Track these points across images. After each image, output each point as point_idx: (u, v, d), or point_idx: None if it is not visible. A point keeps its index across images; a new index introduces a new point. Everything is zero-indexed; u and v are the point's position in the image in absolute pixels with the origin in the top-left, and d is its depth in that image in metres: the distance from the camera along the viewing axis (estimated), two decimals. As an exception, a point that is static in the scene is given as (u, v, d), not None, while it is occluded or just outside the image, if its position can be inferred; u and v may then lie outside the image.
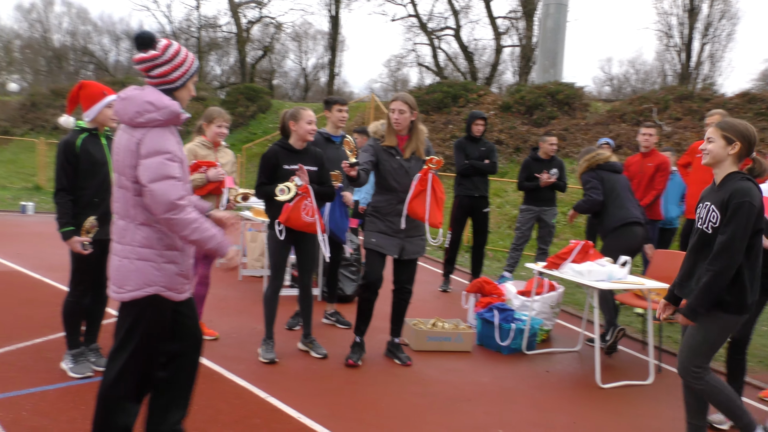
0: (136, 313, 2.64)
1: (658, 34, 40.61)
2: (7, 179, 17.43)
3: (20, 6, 48.22)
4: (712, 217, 3.05)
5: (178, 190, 2.51)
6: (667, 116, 14.45)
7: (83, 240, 3.76)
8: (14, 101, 24.69)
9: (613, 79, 44.88)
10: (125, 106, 2.57)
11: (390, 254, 4.48)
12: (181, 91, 2.69)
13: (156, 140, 2.52)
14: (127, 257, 2.61)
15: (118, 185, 2.63)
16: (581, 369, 4.87)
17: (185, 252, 2.74)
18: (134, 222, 2.60)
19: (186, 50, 2.70)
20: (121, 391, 2.68)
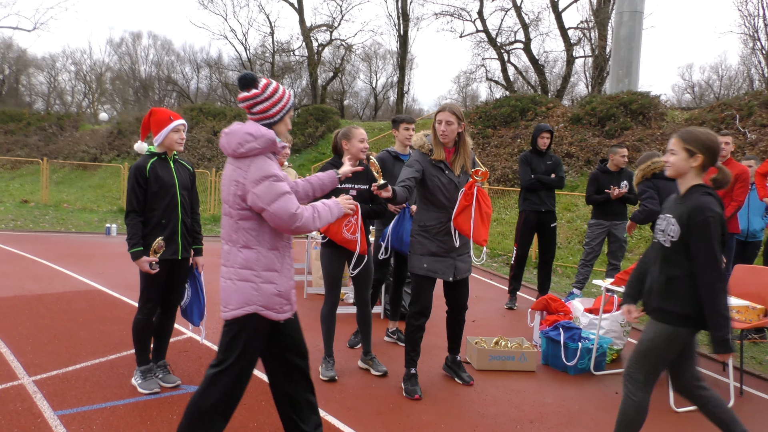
0: (236, 331, 2.83)
1: (742, 38, 38.57)
2: (95, 203, 18.55)
3: (111, 40, 51.49)
4: (671, 231, 2.98)
5: (293, 202, 2.76)
6: (751, 123, 13.65)
7: (151, 260, 3.93)
8: (103, 129, 26.32)
9: (695, 86, 43.02)
10: (229, 139, 2.82)
11: (444, 278, 4.24)
12: (279, 124, 2.95)
13: (260, 167, 2.76)
14: (230, 278, 2.84)
15: (224, 213, 2.88)
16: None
17: (283, 273, 2.91)
18: (236, 246, 2.83)
19: (283, 88, 2.96)
20: (209, 405, 2.82)
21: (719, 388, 4.71)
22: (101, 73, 46.74)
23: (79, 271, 8.23)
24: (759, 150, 12.48)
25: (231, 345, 2.83)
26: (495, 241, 12.37)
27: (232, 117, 24.07)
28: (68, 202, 18.30)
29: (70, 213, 16.32)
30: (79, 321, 5.74)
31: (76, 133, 26.96)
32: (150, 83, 45.40)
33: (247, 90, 2.87)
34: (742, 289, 4.97)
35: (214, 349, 5.08)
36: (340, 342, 5.44)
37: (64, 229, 13.24)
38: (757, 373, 5.09)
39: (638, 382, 3.14)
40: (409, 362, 4.33)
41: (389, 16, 48.24)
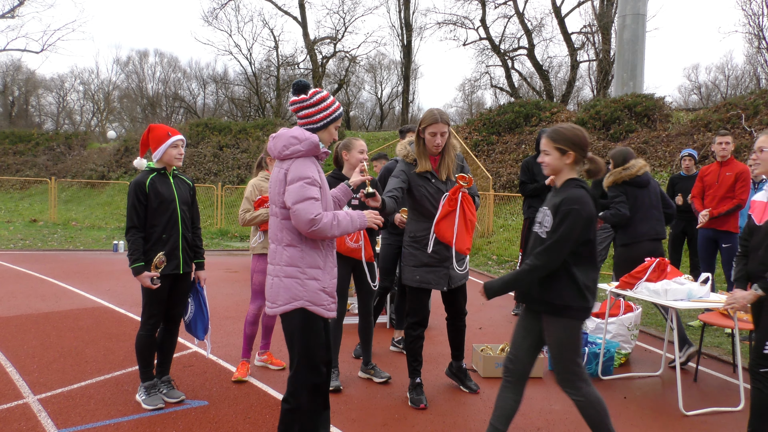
0: (289, 327, 3.00)
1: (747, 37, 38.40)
2: (103, 220, 18.66)
3: (118, 59, 51.99)
4: (547, 222, 3.06)
5: (316, 208, 2.87)
6: (757, 122, 13.55)
7: (152, 275, 3.94)
8: (111, 147, 26.51)
9: (701, 87, 42.82)
10: (275, 143, 3.01)
11: (438, 288, 4.17)
12: (323, 132, 3.08)
13: (299, 168, 2.92)
14: (277, 275, 2.98)
15: (271, 213, 3.05)
16: (663, 395, 4.56)
17: (327, 271, 3.04)
18: (281, 244, 2.98)
19: (332, 98, 3.13)
20: (293, 402, 2.98)
21: (729, 390, 4.64)
22: (109, 92, 47.24)
23: (87, 289, 8.26)
24: (766, 149, 12.37)
25: (291, 341, 3.00)
26: (502, 247, 12.32)
27: (237, 131, 24.17)
28: (76, 220, 18.42)
29: (79, 231, 16.43)
30: (85, 338, 5.75)
31: (84, 151, 27.17)
32: (157, 100, 45.78)
33: (297, 95, 3.06)
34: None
35: (219, 364, 5.07)
36: (345, 353, 5.41)
37: (72, 247, 13.33)
38: (768, 374, 5.01)
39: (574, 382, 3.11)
40: (412, 372, 4.29)
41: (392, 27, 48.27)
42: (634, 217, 5.30)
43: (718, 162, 6.22)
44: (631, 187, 5.35)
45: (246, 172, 21.47)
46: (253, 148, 22.62)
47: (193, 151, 22.78)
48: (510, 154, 16.80)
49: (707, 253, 6.32)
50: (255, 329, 4.79)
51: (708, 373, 5.08)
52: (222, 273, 10.11)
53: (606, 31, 27.89)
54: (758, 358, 3.25)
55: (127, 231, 4.00)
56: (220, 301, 7.72)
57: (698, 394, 4.59)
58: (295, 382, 2.99)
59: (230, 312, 7.09)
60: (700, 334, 5.26)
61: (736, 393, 4.50)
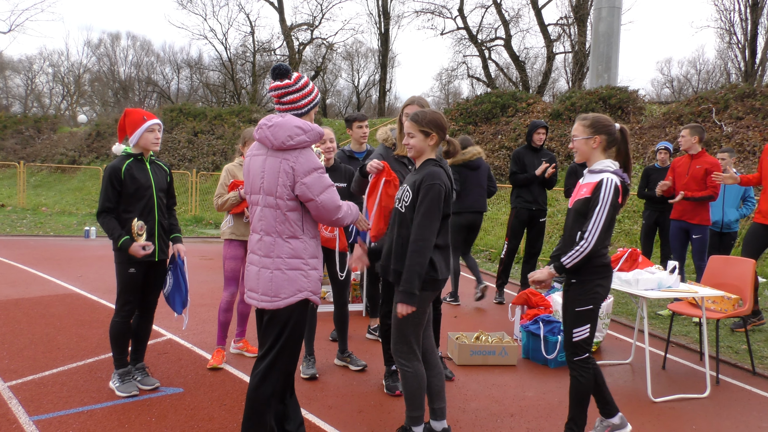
0: (286, 319, 2.94)
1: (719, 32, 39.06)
2: (74, 206, 18.33)
3: (89, 41, 50.87)
4: (406, 197, 3.25)
5: (336, 195, 2.94)
6: (727, 116, 13.83)
7: (142, 244, 3.89)
8: (82, 132, 26.00)
9: (673, 80, 43.50)
10: (274, 131, 2.88)
11: None
12: (306, 117, 3.04)
13: (309, 159, 2.89)
14: (278, 268, 2.92)
15: (264, 205, 2.94)
16: (632, 382, 4.67)
17: (320, 259, 3.06)
18: (282, 236, 2.93)
19: (312, 84, 3.06)
20: (269, 391, 2.96)
21: (696, 378, 4.77)
22: (79, 75, 46.19)
23: (58, 275, 8.13)
24: (735, 142, 12.65)
25: (281, 332, 2.93)
26: (477, 237, 12.41)
27: (213, 117, 23.89)
28: (46, 206, 18.06)
29: (49, 216, 16.11)
30: (57, 325, 5.66)
31: (54, 135, 26.61)
32: (129, 84, 44.94)
33: (279, 80, 2.96)
34: (718, 279, 5.04)
35: (195, 351, 5.04)
36: (321, 339, 5.42)
37: (42, 233, 13.07)
38: (733, 362, 5.16)
39: (407, 354, 3.30)
40: (388, 360, 4.31)
41: (370, 14, 48.12)
42: (461, 193, 6.62)
43: (689, 155, 6.35)
44: (465, 168, 6.64)
45: (221, 159, 21.25)
46: (229, 134, 22.39)
47: (167, 137, 22.45)
48: (487, 144, 16.88)
49: (679, 244, 6.46)
50: (229, 316, 4.77)
51: (676, 361, 5.21)
52: (197, 260, 10.03)
53: (582, 23, 28.13)
54: (570, 347, 3.38)
55: (99, 215, 3.93)
56: (194, 288, 7.66)
57: (666, 381, 4.70)
58: (275, 370, 2.95)
59: (205, 299, 7.04)
60: (669, 323, 5.38)
61: (702, 380, 4.63)
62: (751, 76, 27.04)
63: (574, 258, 3.25)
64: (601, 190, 3.24)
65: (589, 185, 3.33)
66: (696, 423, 3.91)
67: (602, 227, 3.22)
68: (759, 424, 3.92)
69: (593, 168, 3.40)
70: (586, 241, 3.22)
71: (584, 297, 3.32)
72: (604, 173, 3.32)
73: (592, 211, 3.24)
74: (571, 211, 3.41)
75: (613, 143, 3.40)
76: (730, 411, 4.13)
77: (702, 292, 4.42)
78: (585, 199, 3.31)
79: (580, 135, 3.42)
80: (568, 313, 3.39)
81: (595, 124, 3.38)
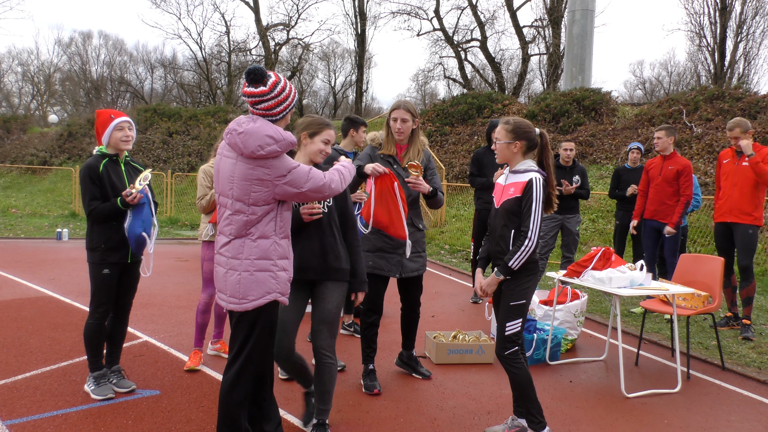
0: (254, 320, 2.90)
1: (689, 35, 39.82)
2: (46, 207, 18.01)
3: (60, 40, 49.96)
4: None
5: (318, 174, 2.90)
6: (697, 117, 14.12)
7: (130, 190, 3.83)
8: (53, 132, 25.55)
9: (645, 82, 44.25)
10: (244, 139, 2.77)
11: (390, 275, 4.23)
12: (280, 121, 2.94)
13: (282, 164, 2.81)
14: (246, 270, 2.86)
15: (234, 210, 2.86)
16: (606, 378, 4.75)
17: (290, 260, 3.02)
18: (250, 237, 2.86)
19: (290, 86, 2.95)
20: (241, 396, 2.94)
21: (667, 373, 4.87)
22: (50, 74, 45.34)
23: (29, 278, 7.99)
24: (704, 143, 12.93)
25: (249, 334, 2.90)
26: (454, 237, 12.50)
27: (188, 118, 23.66)
28: (17, 207, 17.72)
29: (19, 218, 15.81)
30: (29, 329, 5.57)
31: (24, 136, 26.12)
32: (102, 84, 44.25)
33: (254, 86, 2.83)
34: (689, 277, 5.16)
35: (171, 353, 5.00)
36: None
37: (12, 235, 12.83)
38: (703, 357, 5.28)
39: (332, 348, 3.45)
40: (366, 359, 4.35)
41: (346, 15, 48.16)
42: None
43: (662, 156, 6.48)
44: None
45: (197, 160, 21.05)
46: (204, 135, 22.19)
47: (141, 138, 22.18)
48: (463, 145, 17.01)
49: (651, 243, 6.58)
50: (207, 318, 4.75)
51: (648, 358, 5.31)
52: (172, 262, 9.93)
53: (556, 25, 28.47)
54: (502, 341, 3.47)
55: (90, 212, 3.86)
56: (171, 290, 7.60)
57: (639, 377, 4.80)
58: (246, 373, 2.92)
59: (181, 301, 6.98)
60: (641, 321, 5.49)
61: (674, 376, 4.73)
62: (720, 78, 27.63)
63: (521, 258, 3.37)
64: (533, 189, 3.36)
65: (517, 185, 3.43)
66: (667, 417, 4.00)
67: (539, 224, 3.36)
68: (728, 418, 4.03)
69: (517, 168, 3.51)
70: (529, 240, 3.34)
71: (517, 292, 3.44)
72: (529, 173, 3.43)
73: (529, 209, 3.35)
74: (501, 211, 3.50)
75: (533, 147, 3.52)
76: (701, 405, 4.23)
77: (673, 290, 4.52)
78: (515, 198, 3.42)
79: (502, 139, 3.52)
80: (502, 308, 3.49)
81: (516, 130, 3.48)
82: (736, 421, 3.97)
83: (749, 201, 5.86)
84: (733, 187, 5.93)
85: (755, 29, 29.39)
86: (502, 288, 3.50)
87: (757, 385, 4.71)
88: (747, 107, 13.71)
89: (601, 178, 13.33)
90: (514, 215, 3.42)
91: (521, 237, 3.37)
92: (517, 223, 3.42)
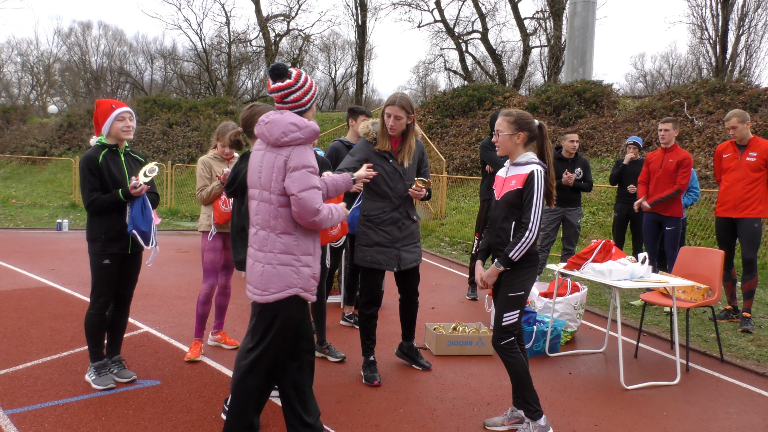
0: (276, 313, 2.97)
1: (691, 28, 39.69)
2: (46, 198, 18.00)
3: (59, 30, 49.77)
4: None
5: (318, 198, 2.90)
6: (698, 110, 14.09)
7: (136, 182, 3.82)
8: (53, 123, 25.50)
9: (647, 75, 44.13)
10: (270, 128, 2.92)
11: (388, 269, 4.24)
12: (308, 112, 3.07)
13: (301, 156, 2.88)
14: (270, 263, 2.94)
15: (260, 200, 2.98)
16: (605, 370, 4.77)
17: (316, 257, 3.07)
18: (275, 231, 2.94)
19: (311, 78, 3.07)
20: (252, 384, 3.00)
21: (666, 365, 4.89)
22: (50, 65, 45.18)
23: (30, 268, 8.00)
24: (706, 136, 12.91)
25: (270, 327, 2.97)
26: (454, 229, 12.50)
27: (188, 109, 23.60)
28: (17, 198, 17.72)
29: (19, 209, 15.81)
30: (30, 319, 5.58)
31: (24, 126, 26.07)
32: (102, 75, 44.11)
33: (280, 80, 2.96)
34: (688, 270, 5.16)
35: (172, 344, 5.02)
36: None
37: (12, 226, 12.84)
38: (702, 350, 5.29)
39: None
40: (366, 351, 4.36)
41: (347, 6, 48.00)
42: None
43: (663, 148, 6.47)
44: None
45: (197, 151, 21.03)
46: (204, 126, 22.15)
47: (141, 129, 22.15)
48: (463, 137, 16.98)
49: (651, 236, 6.59)
50: (207, 309, 4.75)
51: (647, 350, 5.33)
52: (172, 253, 9.94)
53: (557, 17, 28.36)
54: (498, 332, 3.49)
55: (90, 204, 3.85)
56: (171, 281, 7.61)
57: (638, 369, 4.81)
58: (260, 364, 2.99)
59: (182, 292, 6.99)
60: (641, 313, 5.50)
61: (673, 368, 4.74)
62: (721, 71, 27.55)
63: (521, 250, 3.38)
64: (534, 181, 3.38)
65: (519, 177, 3.45)
66: (666, 409, 4.01)
67: (540, 216, 3.37)
68: (726, 410, 4.04)
69: (518, 161, 3.52)
70: (529, 231, 3.36)
71: (516, 283, 3.45)
72: (531, 165, 3.45)
73: (530, 201, 3.37)
74: (501, 203, 3.51)
75: (533, 139, 3.54)
76: (699, 397, 4.24)
77: (673, 282, 4.53)
78: (517, 190, 3.43)
79: (504, 131, 3.52)
80: (500, 299, 3.50)
81: (518, 121, 3.49)
82: (734, 413, 3.99)
83: (754, 195, 5.85)
84: (737, 182, 5.91)
85: (757, 22, 29.35)
86: (501, 279, 3.52)
87: (755, 377, 4.73)
88: (748, 100, 13.68)
89: (601, 171, 13.32)
90: (515, 207, 3.44)
91: (522, 229, 3.38)
92: (517, 215, 3.43)
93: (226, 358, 4.69)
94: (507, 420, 3.64)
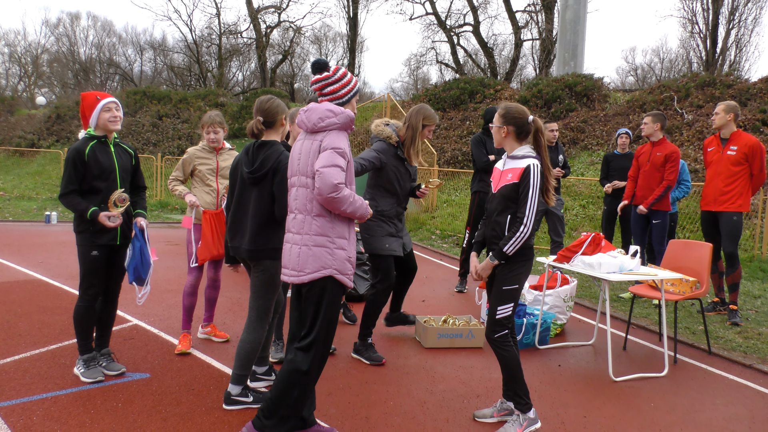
0: (318, 294, 3.03)
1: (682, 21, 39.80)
2: (34, 190, 17.85)
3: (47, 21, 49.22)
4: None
5: (340, 175, 2.93)
6: (688, 104, 14.16)
7: (110, 214, 3.83)
8: (41, 114, 25.26)
9: (637, 69, 44.24)
10: (308, 115, 3.08)
11: (399, 254, 4.67)
12: (347, 106, 3.19)
13: (333, 139, 3.01)
14: (305, 245, 3.02)
15: (299, 185, 3.09)
16: (594, 363, 4.80)
17: (351, 242, 3.12)
18: (311, 214, 3.03)
19: (351, 74, 3.22)
20: (306, 366, 3.03)
21: (655, 358, 4.93)
22: (38, 56, 44.67)
23: (18, 261, 7.94)
24: (695, 130, 12.97)
25: (318, 309, 3.03)
26: (445, 222, 12.52)
27: (178, 101, 23.45)
28: (4, 190, 17.56)
29: (7, 201, 15.68)
30: (18, 312, 5.54)
31: (12, 118, 25.78)
32: (90, 66, 43.68)
33: (319, 73, 3.13)
34: (677, 262, 5.19)
35: (161, 337, 5.00)
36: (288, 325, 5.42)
37: (0, 218, 12.72)
38: (690, 342, 5.34)
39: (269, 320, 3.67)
40: (366, 335, 4.64)
41: (338, -2, 47.61)
42: None
43: (652, 142, 6.50)
44: None
45: (187, 143, 20.90)
46: (195, 118, 22.01)
47: (131, 120, 21.97)
48: (455, 130, 16.98)
49: (640, 229, 6.63)
50: (194, 300, 4.74)
51: (636, 342, 5.37)
52: (162, 246, 9.90)
53: (549, 10, 28.36)
54: (492, 325, 3.50)
55: (64, 195, 3.84)
56: (161, 274, 7.57)
57: (627, 361, 4.85)
58: (314, 350, 3.04)
59: (171, 285, 6.97)
60: (630, 306, 5.54)
61: (661, 360, 4.78)
62: (711, 65, 27.70)
63: (516, 244, 3.39)
64: (530, 175, 3.38)
65: (515, 171, 3.45)
66: (654, 401, 4.05)
67: (535, 211, 3.37)
68: (713, 401, 4.08)
69: (515, 154, 3.52)
70: (525, 226, 3.37)
71: (510, 277, 3.46)
72: (527, 159, 3.45)
73: (525, 196, 3.37)
74: (498, 196, 3.52)
75: (526, 134, 3.53)
76: (687, 389, 4.28)
77: (661, 275, 4.55)
78: (513, 184, 3.43)
79: (494, 123, 3.56)
80: (494, 292, 3.52)
81: (505, 115, 3.51)
82: (721, 404, 4.03)
83: (732, 189, 5.89)
84: (717, 176, 5.97)
85: (747, 16, 29.51)
86: (496, 272, 3.53)
87: (742, 369, 4.78)
88: (738, 94, 13.76)
89: (592, 164, 13.37)
90: (511, 201, 3.44)
91: (517, 223, 3.38)
92: (513, 209, 3.44)
93: (216, 351, 4.68)
94: (496, 412, 3.66)
